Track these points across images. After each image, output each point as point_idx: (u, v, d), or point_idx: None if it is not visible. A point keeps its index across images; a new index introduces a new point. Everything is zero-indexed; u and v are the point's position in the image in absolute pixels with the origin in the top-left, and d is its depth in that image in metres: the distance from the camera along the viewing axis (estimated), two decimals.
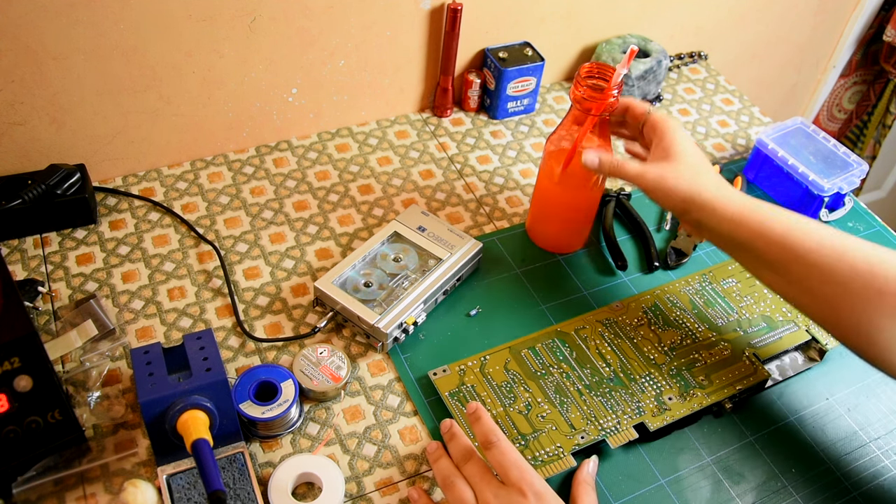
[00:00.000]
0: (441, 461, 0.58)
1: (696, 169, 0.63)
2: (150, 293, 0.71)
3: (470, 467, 0.57)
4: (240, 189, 0.82)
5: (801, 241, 0.58)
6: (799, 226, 0.59)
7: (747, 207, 0.61)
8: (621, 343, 0.69)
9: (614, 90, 0.65)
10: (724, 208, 0.61)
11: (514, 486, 0.54)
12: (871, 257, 0.56)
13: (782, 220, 0.59)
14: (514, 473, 0.55)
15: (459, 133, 0.91)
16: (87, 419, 0.61)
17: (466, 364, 0.66)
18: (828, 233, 0.58)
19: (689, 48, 1.07)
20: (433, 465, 0.59)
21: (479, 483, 0.55)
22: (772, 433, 0.65)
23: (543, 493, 0.53)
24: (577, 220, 0.76)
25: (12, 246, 0.74)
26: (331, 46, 0.82)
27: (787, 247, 0.58)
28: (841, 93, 1.38)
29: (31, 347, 0.52)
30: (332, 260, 0.76)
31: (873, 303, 0.55)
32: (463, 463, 0.57)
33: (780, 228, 0.59)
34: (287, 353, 0.68)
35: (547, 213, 0.76)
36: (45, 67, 0.71)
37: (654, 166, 0.64)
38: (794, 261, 0.58)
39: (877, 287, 0.55)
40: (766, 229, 0.59)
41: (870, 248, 0.57)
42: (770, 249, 0.59)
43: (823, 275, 0.57)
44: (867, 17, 1.25)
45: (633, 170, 0.65)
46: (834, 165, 0.82)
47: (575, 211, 0.74)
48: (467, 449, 0.58)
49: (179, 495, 0.56)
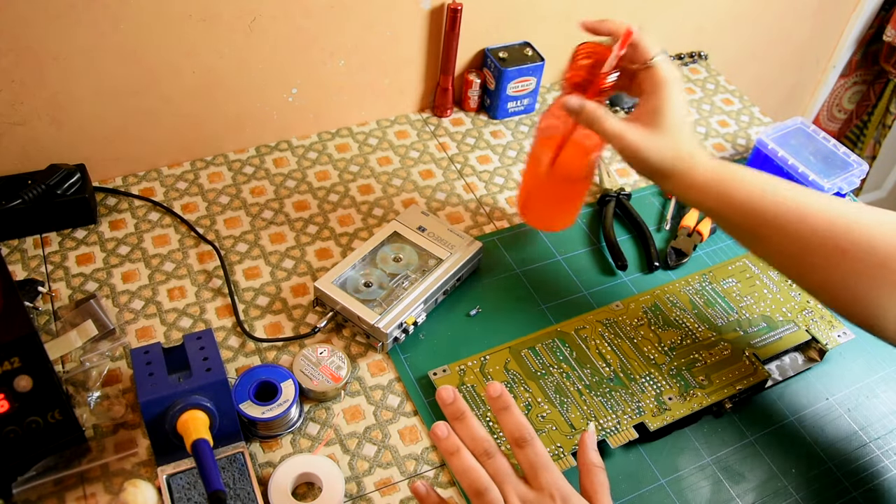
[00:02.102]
0: (461, 456, 0.52)
1: (676, 139, 0.61)
2: (150, 293, 0.71)
3: (493, 464, 0.51)
4: (240, 189, 0.82)
5: (763, 205, 0.59)
6: (763, 191, 0.59)
7: (715, 175, 0.61)
8: (621, 343, 0.69)
9: (610, 73, 0.62)
10: (691, 177, 0.61)
11: (543, 490, 0.50)
12: (830, 213, 0.57)
13: (746, 186, 0.60)
14: (545, 476, 0.51)
15: (459, 133, 0.91)
16: (87, 419, 0.61)
17: (466, 364, 0.66)
18: (790, 194, 0.59)
19: (689, 48, 1.07)
20: (449, 458, 0.52)
21: (504, 484, 0.51)
22: (772, 433, 0.65)
23: (570, 498, 0.50)
24: (568, 200, 0.76)
25: (12, 246, 0.74)
26: (331, 46, 0.82)
27: (751, 212, 0.59)
28: (841, 93, 1.38)
29: (31, 347, 0.52)
30: (332, 260, 0.76)
31: (834, 260, 0.55)
32: (485, 458, 0.52)
33: (744, 195, 0.59)
34: (287, 353, 0.68)
35: (538, 194, 0.76)
36: (45, 67, 0.71)
37: (635, 131, 0.61)
38: (760, 225, 0.59)
39: (840, 246, 0.55)
40: (731, 196, 0.60)
41: (830, 203, 0.57)
42: (735, 215, 0.60)
43: (787, 236, 0.58)
44: (867, 17, 1.25)
45: (612, 128, 0.61)
46: (834, 165, 0.82)
47: (565, 195, 0.75)
48: (487, 439, 0.52)
49: (179, 495, 0.56)
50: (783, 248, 0.58)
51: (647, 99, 0.62)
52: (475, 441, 0.52)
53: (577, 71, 0.63)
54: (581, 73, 0.63)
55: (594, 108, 0.62)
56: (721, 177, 0.61)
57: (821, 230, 0.56)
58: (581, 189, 0.75)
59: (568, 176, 0.71)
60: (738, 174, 0.61)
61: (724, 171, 0.61)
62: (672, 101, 0.61)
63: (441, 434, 0.52)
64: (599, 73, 0.62)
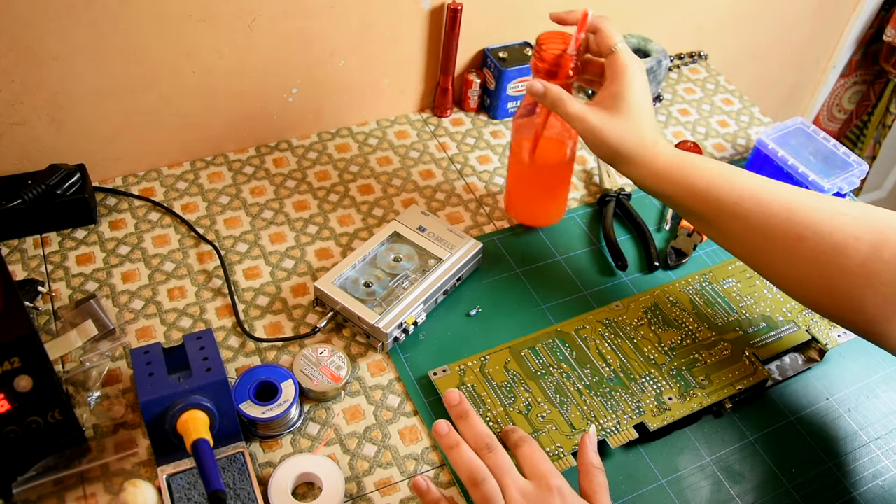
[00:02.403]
0: (460, 450, 0.53)
1: (638, 124, 0.63)
2: (150, 293, 0.71)
3: (493, 457, 0.53)
4: (240, 189, 0.82)
5: (723, 192, 0.59)
6: (722, 179, 0.60)
7: (676, 162, 0.62)
8: (621, 343, 0.69)
9: (573, 57, 0.65)
10: (652, 163, 0.62)
11: (540, 479, 0.51)
12: (790, 202, 0.57)
13: (705, 174, 0.61)
14: (542, 466, 0.52)
15: (459, 133, 0.91)
16: (87, 419, 0.61)
17: (466, 364, 0.66)
18: (749, 183, 0.59)
19: (689, 48, 1.07)
20: (449, 452, 0.54)
21: (504, 477, 0.52)
22: (772, 433, 0.65)
23: (566, 492, 0.51)
24: (551, 193, 0.77)
25: (12, 246, 0.74)
26: (331, 46, 0.82)
27: (711, 201, 0.60)
28: (841, 93, 1.38)
29: (31, 347, 0.52)
30: (332, 260, 0.76)
31: (793, 247, 0.56)
32: (485, 452, 0.53)
33: (703, 183, 0.60)
34: (287, 353, 0.68)
35: (521, 189, 0.77)
36: (45, 67, 0.71)
37: (597, 114, 0.63)
38: (720, 213, 0.60)
39: (796, 232, 0.56)
40: (690, 184, 0.61)
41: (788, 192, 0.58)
42: (696, 202, 0.61)
43: (747, 225, 0.58)
44: (867, 17, 1.25)
45: (574, 111, 0.64)
46: (834, 165, 0.82)
47: (548, 186, 0.76)
48: (488, 434, 0.54)
49: (179, 495, 0.56)
50: (743, 235, 0.59)
51: (609, 84, 0.64)
52: (476, 437, 0.54)
53: (542, 57, 0.66)
54: (547, 60, 0.66)
55: (557, 91, 0.64)
56: (681, 164, 0.62)
57: (779, 217, 0.57)
58: (564, 178, 0.76)
59: (548, 164, 0.73)
60: (696, 162, 0.62)
61: (684, 158, 0.63)
62: (633, 86, 0.63)
63: (442, 431, 0.54)
64: (564, 56, 0.65)
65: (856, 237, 0.54)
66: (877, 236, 0.54)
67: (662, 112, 0.97)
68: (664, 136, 0.64)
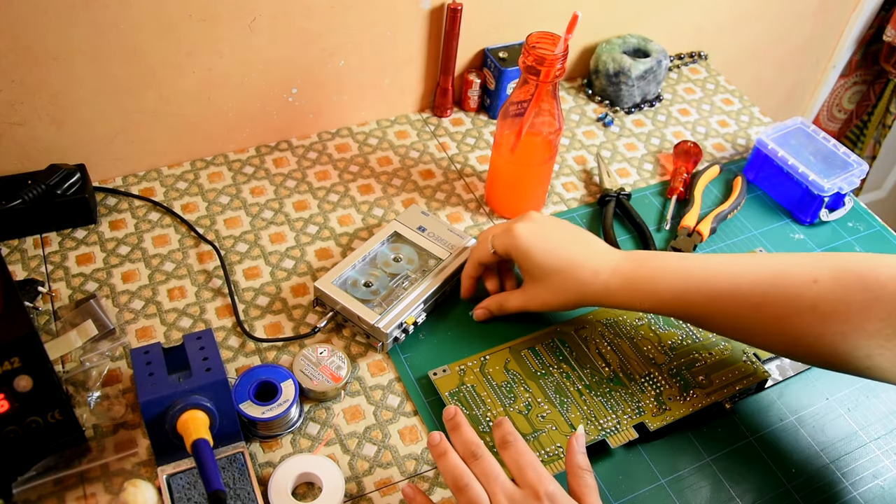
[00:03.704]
0: (448, 457, 0.54)
1: (564, 277, 0.65)
2: (150, 293, 0.71)
3: (480, 465, 0.53)
4: (240, 189, 0.82)
5: (690, 293, 0.61)
6: (683, 277, 0.61)
7: (630, 277, 0.63)
8: (621, 343, 0.69)
9: (561, 57, 0.68)
10: (610, 293, 0.64)
11: (529, 489, 0.51)
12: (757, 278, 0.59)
13: (665, 279, 0.62)
14: (530, 474, 0.52)
15: (459, 133, 0.91)
16: (87, 419, 0.61)
17: (466, 364, 0.66)
18: (713, 269, 0.61)
19: (689, 48, 1.07)
20: (438, 460, 0.54)
21: (492, 484, 0.52)
22: (772, 433, 0.65)
23: (558, 497, 0.51)
24: (530, 189, 0.80)
25: (12, 246, 0.74)
26: (331, 46, 0.82)
27: (682, 302, 0.61)
28: (841, 93, 1.38)
29: (31, 347, 0.52)
30: (332, 260, 0.76)
31: (773, 325, 0.58)
32: (472, 459, 0.54)
33: (666, 288, 0.62)
34: (287, 353, 0.68)
35: (502, 182, 0.80)
36: (45, 67, 0.71)
37: (532, 294, 0.67)
38: (692, 310, 0.61)
39: (774, 312, 0.58)
40: (655, 293, 0.62)
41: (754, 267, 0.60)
42: (667, 308, 0.63)
43: (722, 313, 0.60)
44: (867, 17, 1.25)
45: (516, 304, 0.69)
46: (834, 165, 0.82)
47: (527, 181, 0.79)
48: (475, 443, 0.55)
49: (179, 495, 0.56)
50: (722, 324, 0.61)
51: (521, 266, 0.67)
52: (465, 445, 0.55)
53: (530, 56, 0.68)
54: (534, 59, 0.68)
55: (497, 300, 0.69)
56: (635, 277, 0.63)
57: (752, 299, 0.59)
58: (543, 176, 0.79)
59: (528, 162, 0.76)
60: (651, 268, 0.63)
61: (636, 270, 0.64)
62: (532, 255, 0.65)
63: (433, 441, 0.55)
64: (550, 56, 0.68)
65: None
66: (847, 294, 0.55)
67: (662, 112, 0.97)
68: (602, 253, 0.65)
